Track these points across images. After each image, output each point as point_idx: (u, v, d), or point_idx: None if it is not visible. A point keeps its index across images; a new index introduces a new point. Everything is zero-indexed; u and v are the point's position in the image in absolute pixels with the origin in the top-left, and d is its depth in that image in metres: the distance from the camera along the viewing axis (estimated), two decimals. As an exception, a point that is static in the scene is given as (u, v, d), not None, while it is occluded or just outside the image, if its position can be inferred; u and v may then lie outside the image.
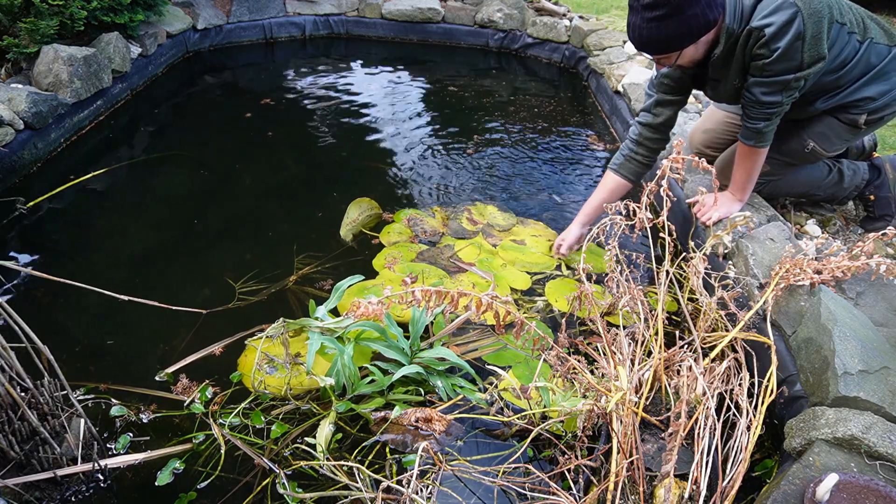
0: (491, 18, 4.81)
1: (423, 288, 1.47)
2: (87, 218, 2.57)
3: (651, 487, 1.44)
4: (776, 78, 1.78)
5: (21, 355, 1.36)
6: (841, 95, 1.96)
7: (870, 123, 2.01)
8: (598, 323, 1.78)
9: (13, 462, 1.40)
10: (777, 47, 1.71)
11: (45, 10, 3.10)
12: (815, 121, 2.07)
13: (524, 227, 2.65)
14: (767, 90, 1.82)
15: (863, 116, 1.98)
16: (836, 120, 2.03)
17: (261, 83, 4.14)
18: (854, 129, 2.03)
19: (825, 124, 2.05)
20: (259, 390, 1.77)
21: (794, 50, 1.72)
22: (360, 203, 2.68)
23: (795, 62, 1.74)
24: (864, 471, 1.27)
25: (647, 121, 2.18)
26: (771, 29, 1.70)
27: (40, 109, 2.87)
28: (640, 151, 2.23)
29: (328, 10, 4.94)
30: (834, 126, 2.04)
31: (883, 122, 2.04)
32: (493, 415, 1.70)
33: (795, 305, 1.73)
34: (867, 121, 1.99)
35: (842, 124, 2.03)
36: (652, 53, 1.84)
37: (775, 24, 1.69)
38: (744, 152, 2.02)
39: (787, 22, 1.69)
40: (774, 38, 1.71)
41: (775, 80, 1.79)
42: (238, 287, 2.17)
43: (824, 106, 1.99)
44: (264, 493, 1.50)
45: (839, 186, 2.28)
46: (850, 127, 2.02)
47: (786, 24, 1.69)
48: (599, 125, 3.76)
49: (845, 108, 1.99)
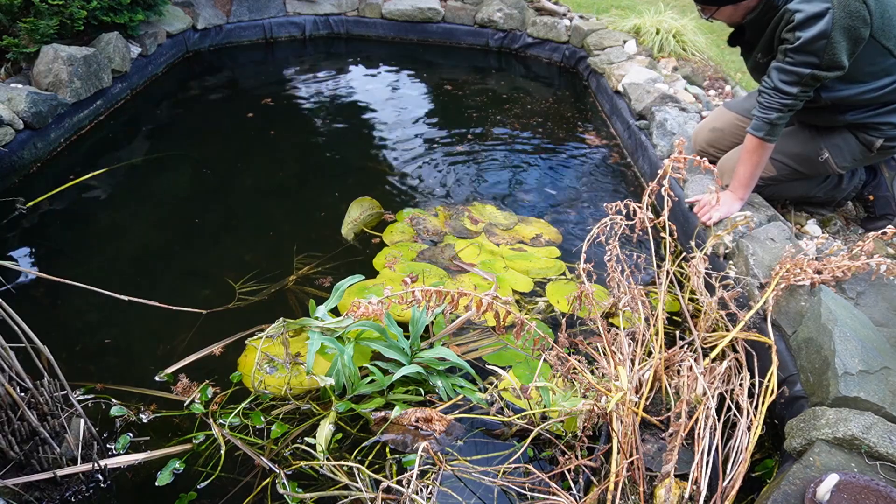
0: (491, 18, 4.81)
1: (424, 288, 1.46)
2: (87, 218, 2.57)
3: (651, 487, 1.44)
4: (795, 68, 1.81)
5: (21, 355, 1.36)
6: (870, 114, 1.99)
7: (883, 150, 2.05)
8: (599, 323, 1.78)
9: (13, 462, 1.40)
10: (800, 36, 1.74)
11: (44, 9, 3.10)
12: (834, 132, 2.09)
13: (526, 225, 2.65)
14: (785, 78, 1.85)
15: (879, 141, 2.01)
16: (854, 137, 2.06)
17: (261, 83, 4.14)
18: (867, 151, 2.07)
19: (842, 138, 2.08)
20: (259, 390, 1.77)
21: (816, 47, 1.74)
22: (361, 202, 2.68)
23: (815, 58, 1.77)
24: (864, 471, 1.27)
25: None
26: (800, 15, 1.73)
27: (40, 109, 2.87)
28: None
29: (328, 9, 4.94)
30: (850, 142, 2.07)
31: (893, 151, 2.08)
32: (493, 415, 1.70)
33: (796, 305, 1.72)
34: (882, 146, 2.03)
35: (858, 143, 2.06)
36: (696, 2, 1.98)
37: (805, 12, 1.72)
38: (751, 146, 2.03)
39: (816, 14, 1.71)
40: (800, 25, 1.73)
41: (794, 69, 1.81)
42: (238, 287, 2.17)
43: (853, 119, 2.01)
44: (264, 493, 1.50)
45: (837, 188, 2.29)
46: (864, 148, 2.06)
47: (814, 17, 1.71)
48: (599, 125, 3.76)
49: (866, 128, 2.02)
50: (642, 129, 3.20)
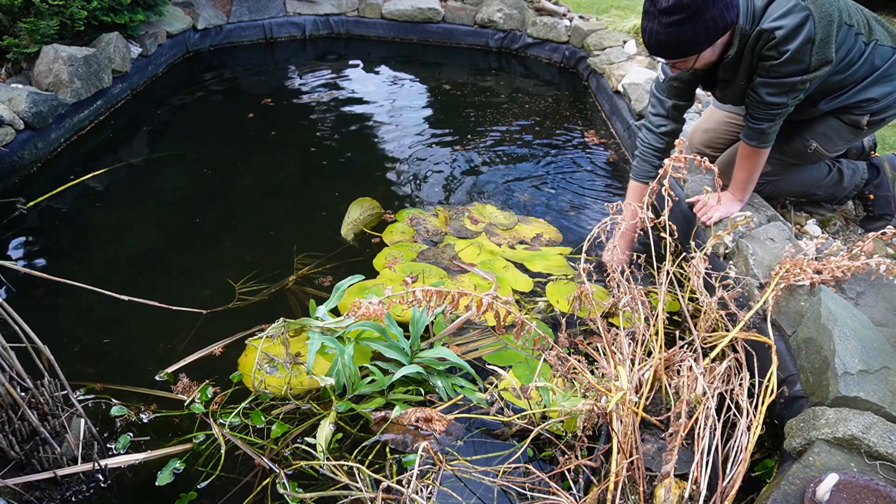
0: (491, 18, 4.81)
1: (424, 288, 1.46)
2: (88, 218, 2.57)
3: (651, 487, 1.44)
4: (783, 80, 1.78)
5: (21, 355, 1.36)
6: (845, 96, 1.96)
7: (872, 125, 2.02)
8: (599, 323, 1.78)
9: (13, 462, 1.40)
10: (787, 49, 1.71)
11: (45, 10, 3.10)
12: (817, 121, 2.07)
13: (526, 225, 2.65)
14: (774, 91, 1.82)
15: (865, 118, 1.99)
16: (839, 121, 2.03)
17: (261, 83, 4.14)
18: (856, 130, 2.04)
19: (827, 125, 2.05)
20: (259, 390, 1.77)
21: (803, 53, 1.72)
22: (361, 202, 2.68)
23: (803, 65, 1.75)
24: (864, 471, 1.27)
25: (671, 128, 2.15)
26: (782, 31, 1.69)
27: (40, 109, 2.87)
28: (662, 157, 2.18)
29: (328, 10, 4.94)
30: (836, 127, 2.05)
31: (884, 123, 2.04)
32: (493, 415, 1.70)
33: (795, 305, 1.72)
34: (869, 122, 2.00)
35: (844, 125, 2.03)
36: (669, 58, 1.80)
37: (786, 26, 1.69)
38: (746, 153, 2.02)
39: (798, 25, 1.68)
40: (785, 40, 1.70)
41: (782, 81, 1.79)
42: (238, 287, 2.17)
43: (828, 107, 2.00)
44: (264, 493, 1.50)
45: (839, 186, 2.29)
46: (853, 128, 2.03)
47: (797, 28, 1.68)
48: (599, 125, 3.76)
49: (848, 110, 2.00)
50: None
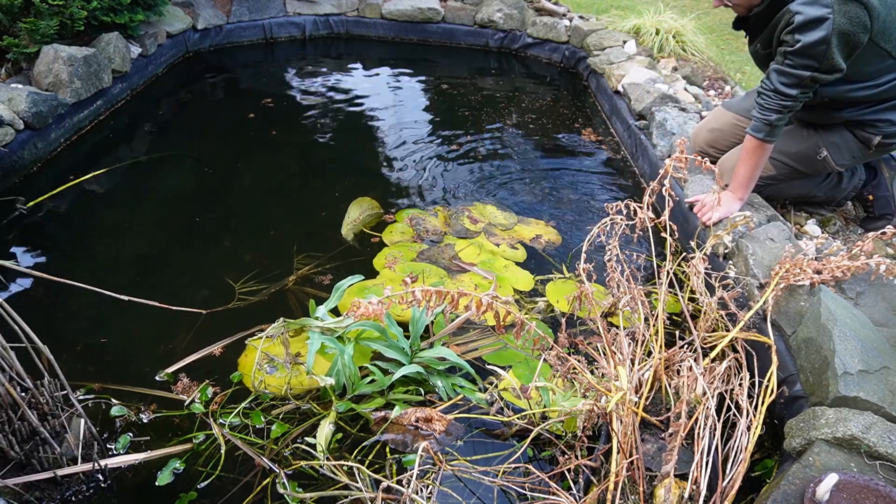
0: (491, 18, 4.81)
1: (424, 288, 1.46)
2: (88, 218, 2.57)
3: (651, 487, 1.44)
4: (795, 71, 1.80)
5: (21, 355, 1.36)
6: (868, 111, 1.99)
7: (881, 147, 2.05)
8: (599, 323, 1.78)
9: (13, 462, 1.40)
10: (799, 39, 1.73)
11: (45, 10, 3.10)
12: (831, 130, 2.09)
13: (526, 225, 2.65)
14: (785, 80, 1.84)
15: (877, 138, 2.02)
16: (852, 134, 2.06)
17: (261, 83, 4.14)
18: (864, 149, 2.07)
19: (840, 136, 2.08)
20: (259, 390, 1.77)
21: (815, 51, 1.73)
22: (361, 202, 2.68)
23: (814, 63, 1.76)
24: (864, 471, 1.27)
25: None
26: (800, 18, 1.71)
27: (40, 109, 2.87)
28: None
29: (328, 10, 4.94)
30: (847, 140, 2.07)
31: (892, 148, 2.08)
32: (493, 415, 1.70)
33: (795, 305, 1.73)
34: (879, 143, 2.03)
35: (855, 140, 2.06)
36: None
37: (805, 15, 1.70)
38: (751, 147, 2.03)
39: (816, 19, 1.69)
40: (800, 28, 1.72)
41: (793, 72, 1.81)
42: (238, 287, 2.17)
43: (849, 116, 2.02)
44: (264, 493, 1.50)
45: (837, 188, 2.29)
46: (862, 145, 2.06)
47: (814, 21, 1.69)
48: (599, 125, 3.76)
49: (863, 125, 2.02)
50: (642, 129, 3.20)
